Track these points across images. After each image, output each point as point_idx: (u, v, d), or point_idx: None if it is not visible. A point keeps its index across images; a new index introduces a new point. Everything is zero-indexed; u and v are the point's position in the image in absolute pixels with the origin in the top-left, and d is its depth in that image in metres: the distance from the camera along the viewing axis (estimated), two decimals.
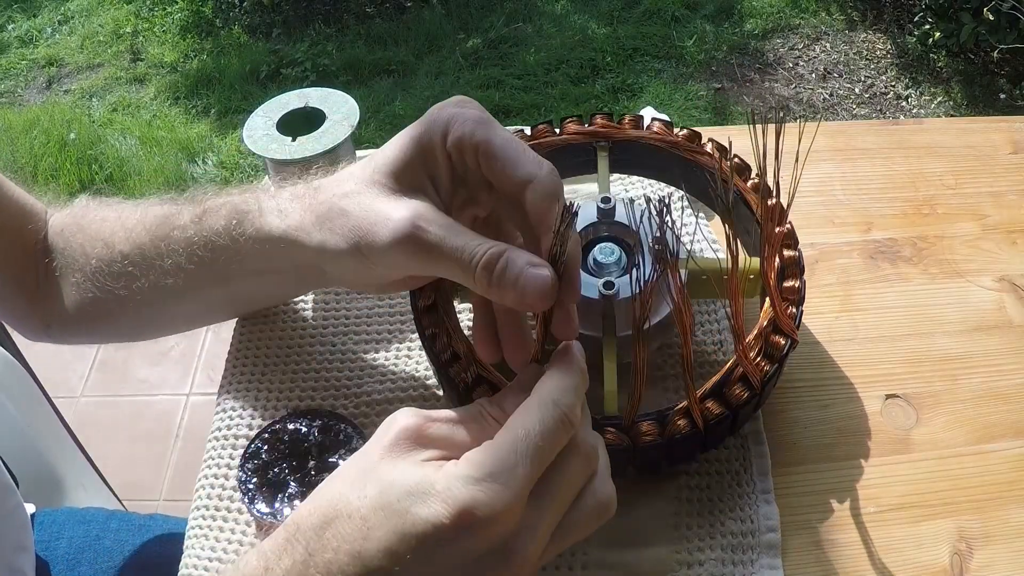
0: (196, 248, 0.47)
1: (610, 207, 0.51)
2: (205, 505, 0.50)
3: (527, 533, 0.33)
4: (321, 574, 0.32)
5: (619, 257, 0.50)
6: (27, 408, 0.84)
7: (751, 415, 0.48)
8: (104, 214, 0.52)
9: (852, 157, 0.69)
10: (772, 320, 0.47)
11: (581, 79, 2.42)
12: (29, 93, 2.68)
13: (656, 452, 0.45)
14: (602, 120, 0.56)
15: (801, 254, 0.51)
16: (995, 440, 0.51)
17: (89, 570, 0.67)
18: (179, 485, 1.54)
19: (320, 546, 0.33)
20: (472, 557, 0.33)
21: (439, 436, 0.36)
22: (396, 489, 0.33)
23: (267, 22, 2.75)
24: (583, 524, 0.36)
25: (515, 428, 0.34)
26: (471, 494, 0.32)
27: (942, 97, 2.26)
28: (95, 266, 0.50)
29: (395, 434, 0.35)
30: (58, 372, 1.72)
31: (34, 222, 0.53)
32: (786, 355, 0.47)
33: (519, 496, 0.33)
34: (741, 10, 2.62)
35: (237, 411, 0.54)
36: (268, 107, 0.62)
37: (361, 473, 0.34)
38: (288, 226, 0.44)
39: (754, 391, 0.45)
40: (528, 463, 0.33)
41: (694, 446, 0.47)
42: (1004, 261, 0.61)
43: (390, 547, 0.32)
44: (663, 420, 0.44)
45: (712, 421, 0.44)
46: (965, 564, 0.46)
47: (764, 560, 0.46)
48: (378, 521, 0.32)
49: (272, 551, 0.34)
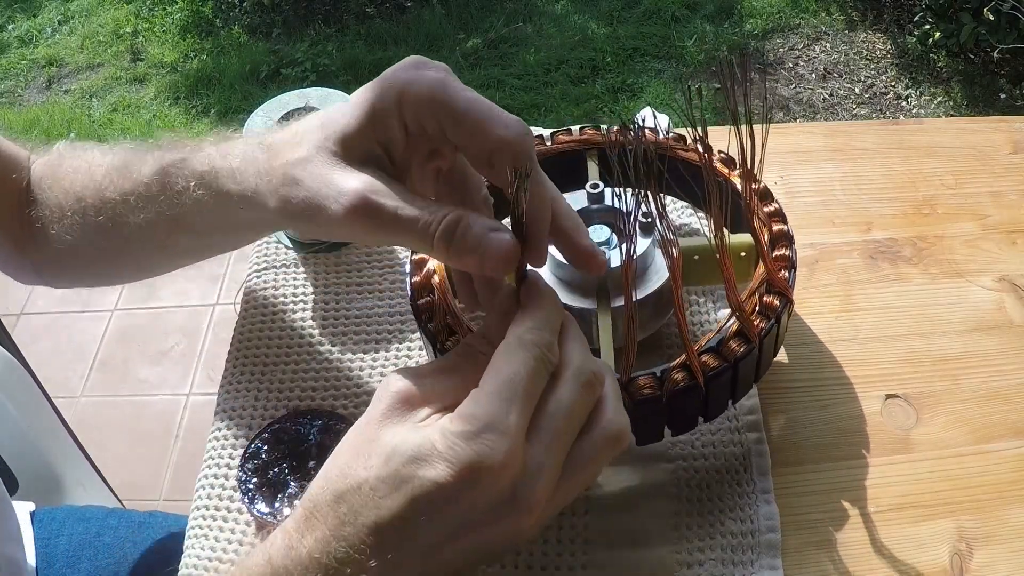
0: (161, 206, 0.47)
1: (599, 192, 0.53)
2: (205, 505, 0.50)
3: (531, 474, 0.34)
4: (344, 546, 0.33)
5: (610, 237, 0.51)
6: (27, 408, 0.84)
7: (751, 380, 0.49)
8: (76, 164, 0.52)
9: (852, 157, 0.69)
10: (765, 280, 0.48)
11: (581, 79, 2.42)
12: (29, 93, 2.68)
13: (656, 412, 0.45)
14: (591, 130, 0.58)
15: (791, 229, 0.51)
16: (995, 440, 0.51)
17: (90, 566, 0.67)
18: (179, 485, 1.54)
19: (337, 521, 0.33)
20: (482, 509, 0.33)
21: (432, 391, 0.36)
22: (399, 456, 0.33)
23: (267, 22, 2.76)
24: (594, 456, 0.36)
25: (500, 373, 0.35)
26: (472, 449, 0.32)
27: (942, 97, 2.26)
28: (70, 219, 0.51)
29: (390, 400, 0.36)
30: (58, 372, 1.72)
31: (17, 170, 0.54)
32: (782, 313, 0.47)
33: (516, 440, 0.33)
34: (741, 10, 2.62)
35: (237, 411, 0.54)
36: (268, 107, 0.62)
37: (365, 443, 0.35)
38: (243, 190, 0.43)
39: (751, 344, 0.45)
40: (519, 406, 0.34)
41: (695, 408, 0.47)
42: (1004, 261, 0.61)
43: (402, 513, 0.33)
44: (661, 375, 0.45)
45: (711, 374, 0.44)
46: (965, 564, 0.46)
47: (764, 560, 0.46)
48: (387, 489, 0.33)
49: (294, 529, 0.35)
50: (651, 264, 0.51)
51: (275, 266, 0.63)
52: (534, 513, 0.34)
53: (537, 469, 0.34)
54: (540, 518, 0.35)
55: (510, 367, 0.35)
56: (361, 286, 0.61)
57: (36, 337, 1.81)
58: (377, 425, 0.35)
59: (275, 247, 0.65)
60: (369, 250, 0.64)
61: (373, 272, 0.62)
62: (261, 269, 0.63)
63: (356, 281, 0.62)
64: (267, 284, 0.62)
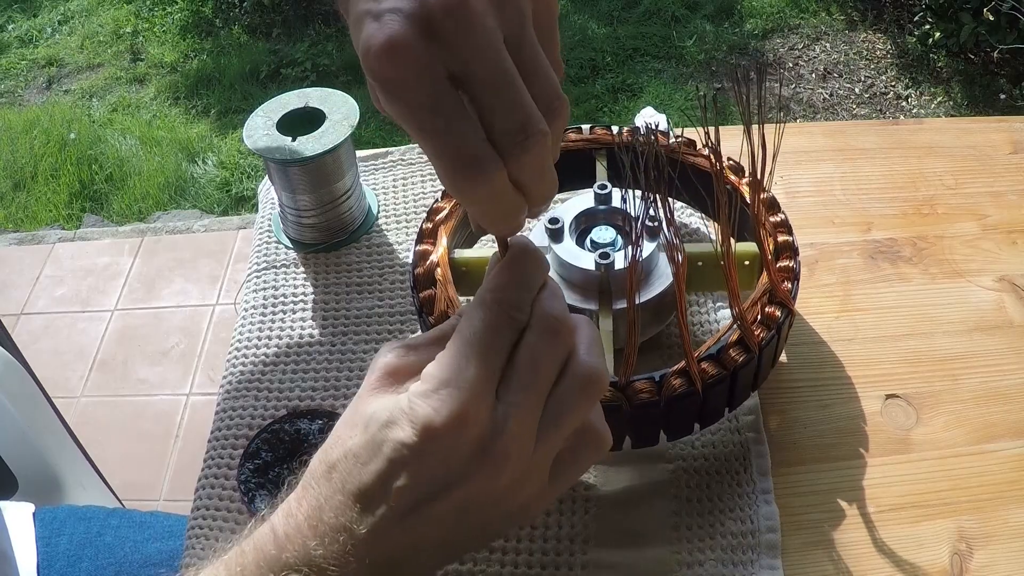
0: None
1: (606, 193, 0.53)
2: (205, 505, 0.50)
3: (502, 428, 0.33)
4: (334, 513, 0.33)
5: (615, 238, 0.52)
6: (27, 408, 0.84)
7: (749, 388, 0.48)
8: None
9: (852, 157, 0.69)
10: (768, 290, 0.48)
11: (581, 79, 2.42)
12: (29, 93, 2.68)
13: (653, 417, 0.45)
14: (601, 130, 0.58)
15: (795, 239, 0.51)
16: (995, 440, 0.51)
17: (91, 566, 0.67)
18: (179, 485, 1.54)
19: (329, 489, 0.34)
20: (453, 466, 0.33)
21: (420, 362, 0.36)
22: (375, 422, 0.34)
23: (267, 22, 2.75)
24: (571, 404, 0.35)
25: (460, 332, 0.35)
26: (428, 406, 0.33)
27: (942, 97, 2.26)
28: None
29: (378, 373, 0.36)
30: (58, 372, 1.72)
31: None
32: (783, 323, 0.47)
33: (476, 394, 0.33)
34: (741, 10, 2.62)
35: (237, 411, 0.54)
36: (268, 107, 0.62)
37: (353, 414, 0.36)
38: None
39: (751, 353, 0.45)
40: (477, 361, 0.33)
41: (691, 414, 0.46)
42: (1004, 261, 0.61)
43: (381, 476, 0.33)
44: (660, 380, 0.45)
45: (709, 381, 0.44)
46: (965, 564, 0.46)
47: (764, 560, 0.45)
48: (368, 455, 0.33)
49: (294, 499, 0.35)
50: (655, 268, 0.51)
51: (275, 266, 0.63)
52: (509, 463, 0.33)
53: (506, 420, 0.33)
54: (528, 474, 0.34)
55: (469, 325, 0.35)
56: (361, 286, 0.61)
57: (36, 337, 1.80)
58: (365, 397, 0.36)
59: (275, 247, 0.65)
60: (369, 250, 0.64)
61: (373, 272, 0.62)
62: (261, 269, 0.63)
63: (356, 281, 0.62)
64: (267, 284, 0.62)
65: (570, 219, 0.52)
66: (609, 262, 0.49)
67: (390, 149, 0.71)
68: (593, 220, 0.53)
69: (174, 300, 1.88)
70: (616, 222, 0.53)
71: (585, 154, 0.57)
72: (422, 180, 0.68)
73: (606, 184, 0.53)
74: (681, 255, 0.44)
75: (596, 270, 0.50)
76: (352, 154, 0.62)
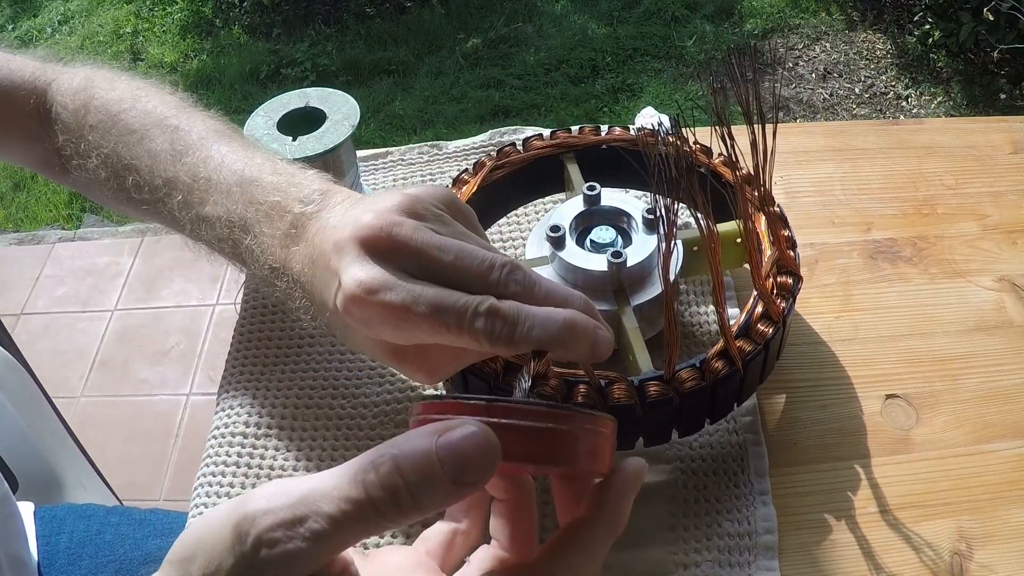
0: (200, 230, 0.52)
1: (595, 193, 0.53)
2: (204, 504, 0.50)
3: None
4: None
5: (615, 237, 0.52)
6: (27, 408, 0.84)
7: (775, 361, 0.50)
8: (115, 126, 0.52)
9: (852, 157, 0.69)
10: (776, 259, 0.49)
11: (581, 79, 2.42)
12: None
13: (699, 404, 0.46)
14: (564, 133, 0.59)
15: (783, 211, 0.52)
16: (995, 440, 0.51)
17: (91, 564, 0.67)
18: (179, 485, 1.54)
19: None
20: None
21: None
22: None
23: (267, 22, 2.76)
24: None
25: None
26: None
27: (942, 97, 2.26)
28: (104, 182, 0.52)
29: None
30: (58, 372, 1.72)
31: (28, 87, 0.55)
32: (795, 290, 0.48)
33: None
34: (741, 10, 2.62)
35: (236, 410, 0.54)
36: (268, 107, 0.62)
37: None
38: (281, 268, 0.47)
39: (776, 325, 0.46)
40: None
41: (733, 393, 0.47)
42: (1004, 261, 0.61)
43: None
44: (701, 366, 0.45)
45: (747, 358, 0.45)
46: (965, 564, 0.46)
47: (761, 562, 0.45)
48: None
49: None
50: (656, 264, 0.51)
51: None
52: None
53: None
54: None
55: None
56: None
57: (36, 337, 1.81)
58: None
59: None
60: None
61: None
62: None
63: None
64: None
65: (568, 224, 0.52)
66: (621, 261, 0.49)
67: (390, 149, 0.71)
68: (589, 221, 0.53)
69: (174, 300, 1.89)
70: (612, 221, 0.53)
71: (553, 159, 0.58)
72: (422, 180, 0.68)
73: (595, 185, 0.53)
74: (714, 234, 0.44)
75: (609, 270, 0.50)
76: (352, 154, 0.62)
